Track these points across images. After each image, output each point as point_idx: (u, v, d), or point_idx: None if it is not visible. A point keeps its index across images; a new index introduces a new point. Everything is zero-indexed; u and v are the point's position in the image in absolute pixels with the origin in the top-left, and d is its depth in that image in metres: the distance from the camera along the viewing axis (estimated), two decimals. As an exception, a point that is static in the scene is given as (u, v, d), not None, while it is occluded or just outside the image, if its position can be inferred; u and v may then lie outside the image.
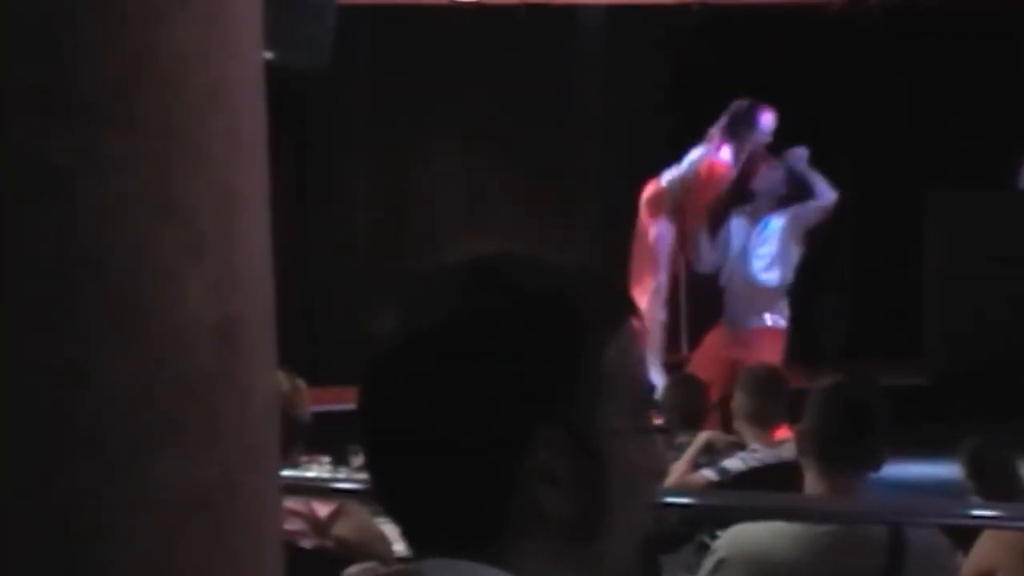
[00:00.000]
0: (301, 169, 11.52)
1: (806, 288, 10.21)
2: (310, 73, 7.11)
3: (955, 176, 10.71)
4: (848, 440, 4.01)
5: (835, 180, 10.53)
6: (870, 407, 4.07)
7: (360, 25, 10.03)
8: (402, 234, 11.85)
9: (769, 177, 9.88)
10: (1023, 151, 10.61)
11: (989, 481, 5.54)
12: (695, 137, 11.36)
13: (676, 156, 11.97)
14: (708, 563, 4.15)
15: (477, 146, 12.17)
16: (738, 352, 9.71)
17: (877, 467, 4.07)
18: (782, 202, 9.85)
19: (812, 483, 4.07)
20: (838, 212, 10.44)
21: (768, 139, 9.98)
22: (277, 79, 2.60)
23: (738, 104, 9.88)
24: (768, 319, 9.84)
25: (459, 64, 11.65)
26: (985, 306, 9.99)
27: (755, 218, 9.90)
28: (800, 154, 9.80)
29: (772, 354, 9.68)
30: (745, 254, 9.88)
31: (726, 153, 10.06)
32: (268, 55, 2.63)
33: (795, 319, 10.02)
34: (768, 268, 9.84)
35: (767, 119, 9.89)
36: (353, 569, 4.55)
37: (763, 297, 9.86)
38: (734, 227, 9.95)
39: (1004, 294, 9.85)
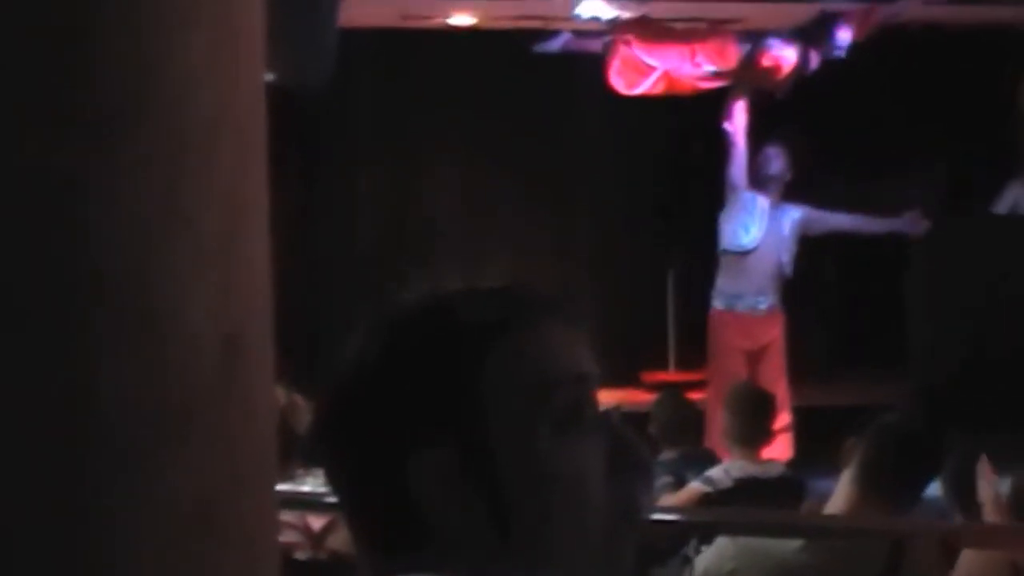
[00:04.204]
0: (306, 185, 11.61)
1: (793, 303, 10.28)
2: (312, 94, 7.16)
3: (938, 199, 10.80)
4: (900, 483, 4.06)
5: (826, 201, 10.63)
6: (935, 460, 4.13)
7: (364, 46, 10.11)
8: (404, 250, 11.95)
9: (777, 161, 9.98)
10: (1006, 176, 10.67)
11: (969, 501, 5.57)
12: (691, 152, 11.45)
13: (673, 170, 12.06)
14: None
15: (478, 163, 12.27)
16: (750, 342, 9.80)
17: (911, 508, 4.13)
18: (787, 188, 9.99)
19: (845, 498, 4.10)
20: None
21: (841, 54, 10.04)
22: (283, 97, 2.66)
23: (822, 10, 9.99)
24: (776, 301, 9.97)
25: (458, 84, 11.75)
26: (967, 324, 10.06)
27: (774, 203, 9.98)
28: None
29: (779, 336, 9.82)
30: (772, 239, 9.96)
31: (791, 53, 10.14)
32: (270, 77, 2.67)
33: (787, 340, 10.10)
34: (791, 258, 9.98)
35: (844, 35, 9.98)
36: None
37: (779, 283, 9.99)
38: (762, 208, 9.98)
39: (984, 313, 9.93)
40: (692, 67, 10.25)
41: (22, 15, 2.11)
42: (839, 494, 4.12)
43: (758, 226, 9.81)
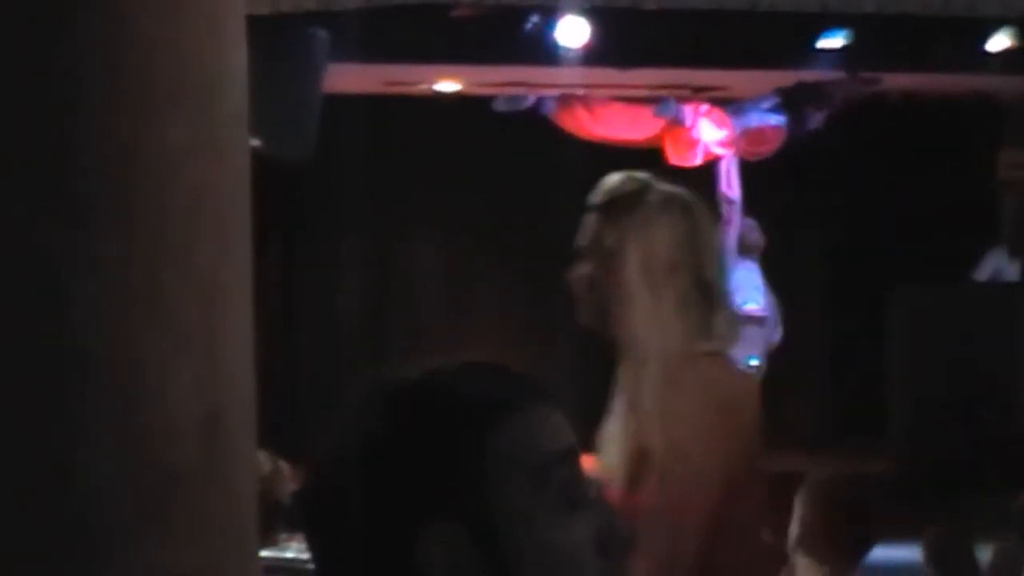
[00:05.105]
0: (287, 251, 11.58)
1: (776, 377, 10.30)
2: (293, 163, 7.18)
3: (918, 269, 10.83)
4: (848, 533, 4.06)
5: (805, 274, 10.66)
6: (870, 500, 4.14)
7: (347, 112, 10.12)
8: (384, 321, 11.94)
9: (757, 231, 10.08)
10: (986, 244, 10.73)
11: (950, 569, 5.58)
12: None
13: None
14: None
15: (458, 230, 12.25)
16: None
17: (866, 555, 4.14)
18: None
19: (805, 573, 4.11)
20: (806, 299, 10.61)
21: (820, 123, 10.20)
22: (265, 164, 2.67)
23: (800, 81, 10.12)
24: None
25: (441, 150, 11.74)
26: (945, 393, 10.08)
27: (759, 272, 10.10)
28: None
29: None
30: (770, 306, 10.05)
31: (781, 120, 10.26)
32: (255, 143, 2.69)
33: (765, 407, 10.10)
34: None
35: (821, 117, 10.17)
36: None
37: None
38: (758, 276, 10.07)
39: (963, 381, 9.95)
40: (716, 136, 10.41)
41: (4, 96, 2.14)
42: (801, 573, 4.12)
43: (761, 293, 9.91)
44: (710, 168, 10.58)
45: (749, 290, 10.00)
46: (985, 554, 5.69)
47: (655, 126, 10.54)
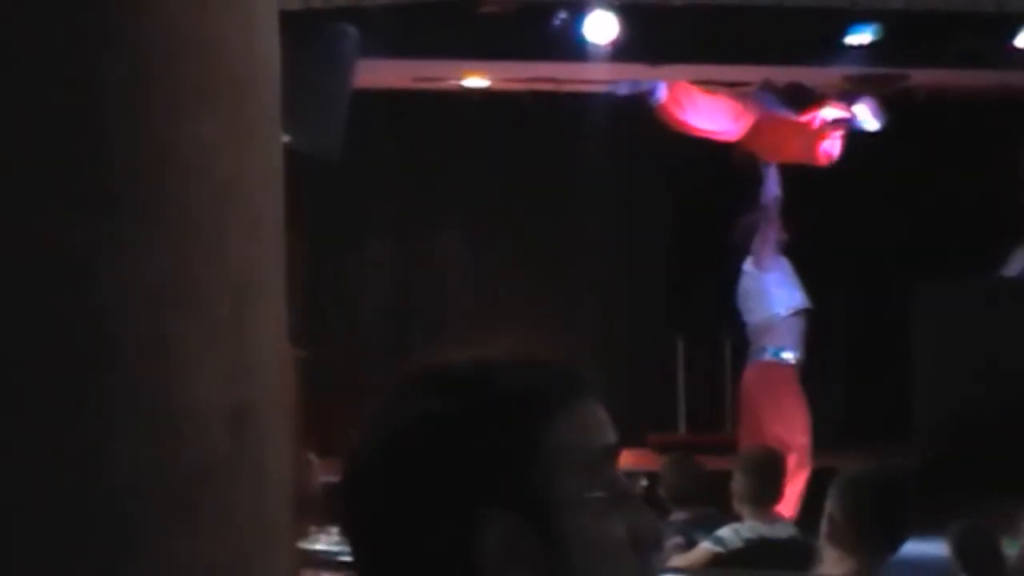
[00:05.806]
0: (314, 249, 11.62)
1: (800, 373, 10.31)
2: (322, 159, 7.21)
3: (944, 266, 10.84)
4: (876, 527, 4.08)
5: (829, 268, 10.70)
6: (899, 495, 4.16)
7: (373, 109, 10.15)
8: (410, 316, 11.96)
9: (779, 228, 10.20)
10: (1012, 241, 10.70)
11: (976, 562, 5.58)
12: (698, 221, 11.48)
13: (680, 240, 12.09)
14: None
15: (485, 230, 12.27)
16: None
17: (897, 549, 4.16)
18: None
19: (833, 566, 4.13)
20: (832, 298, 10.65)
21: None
22: (291, 162, 2.70)
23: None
24: None
25: (468, 148, 11.77)
26: (972, 390, 10.06)
27: None
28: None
29: None
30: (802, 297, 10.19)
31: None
32: (285, 139, 2.71)
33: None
34: None
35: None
36: None
37: None
38: (791, 269, 10.19)
39: (989, 379, 9.93)
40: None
41: (35, 94, 2.16)
42: (828, 565, 4.14)
43: (798, 288, 10.05)
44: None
45: (790, 286, 10.08)
46: (1012, 548, 5.70)
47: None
